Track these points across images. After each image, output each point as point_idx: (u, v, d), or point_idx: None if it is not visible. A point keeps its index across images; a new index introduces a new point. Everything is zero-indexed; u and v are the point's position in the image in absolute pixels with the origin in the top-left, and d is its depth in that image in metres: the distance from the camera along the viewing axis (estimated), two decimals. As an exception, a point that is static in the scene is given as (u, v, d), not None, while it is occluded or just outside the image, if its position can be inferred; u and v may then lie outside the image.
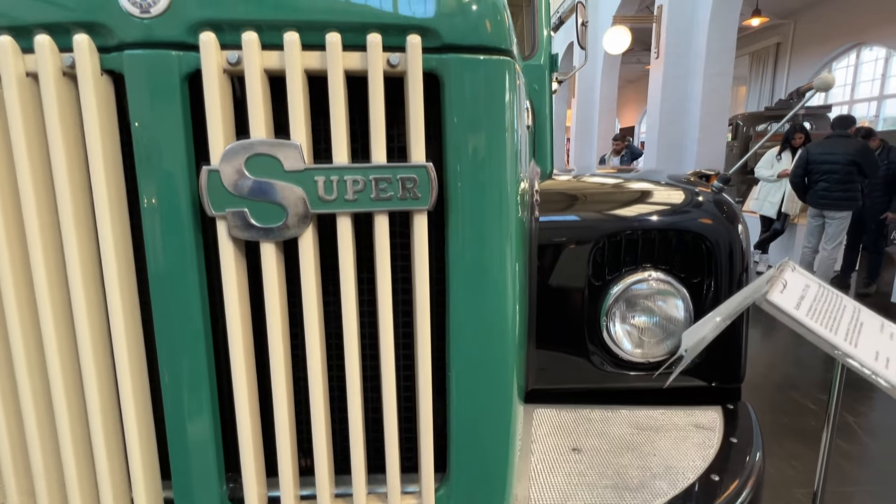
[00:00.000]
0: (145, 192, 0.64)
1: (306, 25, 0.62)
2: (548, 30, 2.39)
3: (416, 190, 0.65)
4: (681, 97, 7.87)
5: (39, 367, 0.70)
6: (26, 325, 0.68)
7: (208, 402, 0.70)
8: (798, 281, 0.71)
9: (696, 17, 7.67)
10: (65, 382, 0.69)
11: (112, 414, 0.72)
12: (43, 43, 0.61)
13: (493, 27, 0.67)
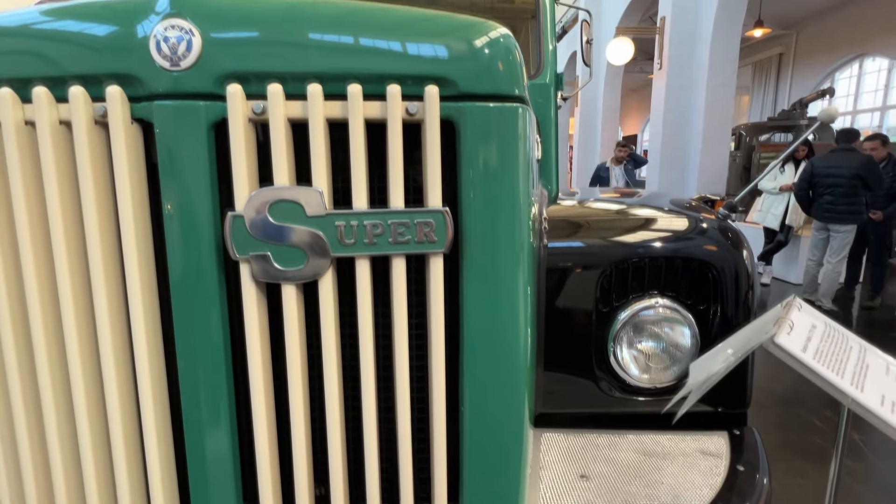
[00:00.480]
0: (171, 236, 0.67)
1: (328, 76, 0.65)
2: (553, 48, 2.42)
3: (433, 233, 0.67)
4: (684, 108, 7.91)
5: (67, 411, 0.72)
6: (54, 363, 0.71)
7: (228, 434, 0.72)
8: (805, 321, 0.72)
9: (699, 29, 7.72)
10: (90, 420, 0.71)
11: (135, 450, 0.74)
12: (77, 94, 0.63)
13: (507, 75, 0.69)
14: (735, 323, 1.22)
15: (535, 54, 2.40)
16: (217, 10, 0.64)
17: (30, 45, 0.66)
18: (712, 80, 7.46)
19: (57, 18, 0.67)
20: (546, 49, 2.36)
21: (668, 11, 7.88)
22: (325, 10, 0.68)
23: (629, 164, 7.04)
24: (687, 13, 7.74)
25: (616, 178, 6.90)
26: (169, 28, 0.62)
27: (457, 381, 0.77)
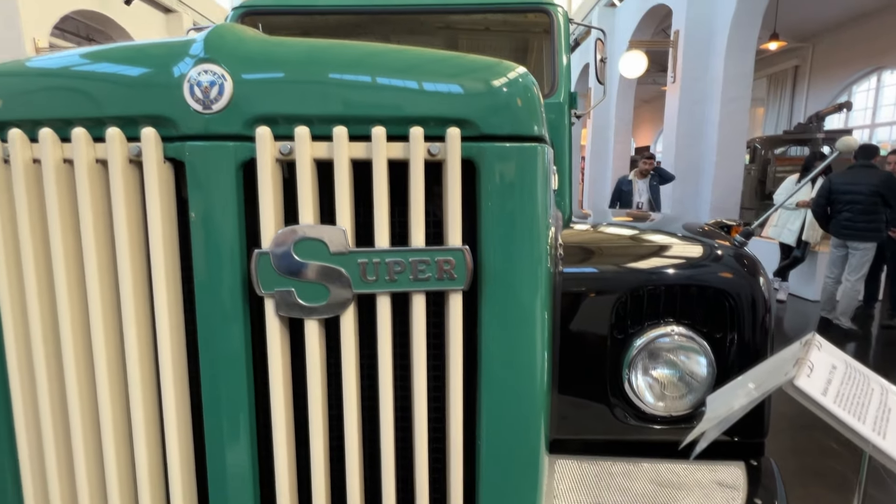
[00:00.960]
0: (199, 271, 0.69)
1: (353, 119, 0.67)
2: (567, 66, 2.43)
3: (453, 271, 0.68)
4: (697, 121, 7.87)
5: (94, 436, 0.74)
6: (83, 387, 0.73)
7: (248, 460, 0.73)
8: (824, 361, 0.72)
9: (713, 42, 7.70)
10: (116, 444, 0.73)
11: (159, 479, 0.75)
12: (113, 135, 0.66)
13: (526, 116, 0.71)
14: (752, 352, 1.21)
15: (549, 73, 2.42)
16: (248, 55, 0.67)
17: (70, 87, 0.69)
18: (727, 93, 7.42)
19: (95, 61, 0.70)
20: (560, 68, 2.38)
21: (681, 25, 7.88)
22: (351, 54, 0.70)
23: (654, 179, 6.32)
24: (701, 27, 7.72)
25: (639, 193, 6.21)
26: (202, 72, 0.65)
27: (473, 411, 0.78)
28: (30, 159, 0.69)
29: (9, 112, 0.71)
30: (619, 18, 11.16)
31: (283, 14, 2.40)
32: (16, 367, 0.73)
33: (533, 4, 2.47)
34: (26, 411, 0.75)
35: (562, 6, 2.51)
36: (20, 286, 0.73)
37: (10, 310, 0.73)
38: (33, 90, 0.70)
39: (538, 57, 2.64)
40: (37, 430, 0.76)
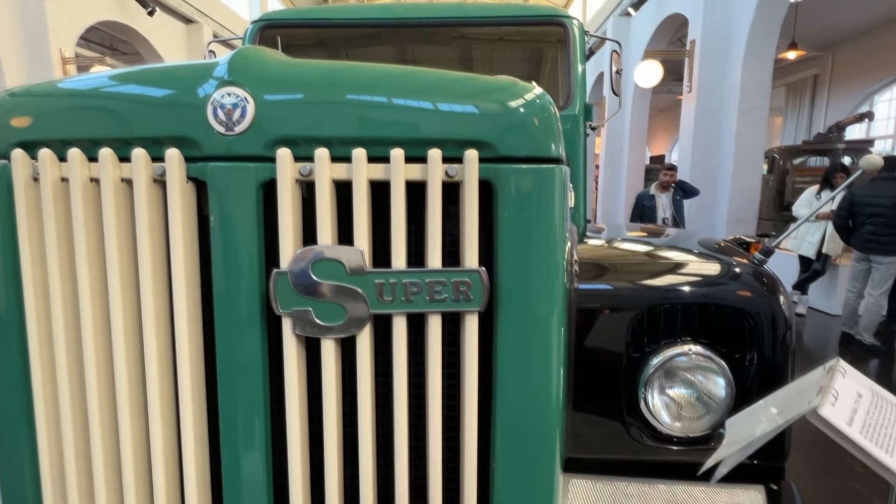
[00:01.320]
0: (219, 288, 0.70)
1: (372, 141, 0.68)
2: (583, 79, 2.43)
3: (469, 292, 0.68)
4: (714, 131, 7.79)
5: (113, 446, 0.76)
6: (104, 398, 0.74)
7: (263, 472, 0.74)
8: (849, 389, 0.70)
9: (730, 52, 7.64)
10: (134, 457, 0.74)
11: (175, 486, 0.76)
12: (139, 156, 0.68)
13: (544, 138, 0.71)
14: (773, 374, 1.18)
15: (565, 85, 2.42)
16: (270, 78, 0.68)
17: (98, 108, 0.71)
18: (744, 103, 7.33)
19: (123, 83, 0.72)
20: (575, 80, 2.38)
21: (697, 34, 7.83)
22: (370, 76, 0.71)
23: (677, 194, 5.80)
24: (718, 36, 7.67)
25: (663, 208, 5.70)
26: (226, 95, 0.66)
27: (487, 430, 0.77)
28: (58, 178, 0.71)
29: (39, 131, 0.73)
30: (634, 28, 11.13)
31: (301, 27, 2.44)
32: (39, 374, 0.75)
33: (548, 17, 2.47)
34: (48, 418, 0.76)
35: (577, 18, 2.51)
36: (46, 299, 0.75)
37: (36, 321, 0.74)
38: (63, 110, 0.73)
39: (553, 67, 2.64)
40: (57, 435, 0.77)
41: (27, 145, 0.72)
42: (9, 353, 0.76)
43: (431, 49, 2.69)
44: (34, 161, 0.71)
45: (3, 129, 0.74)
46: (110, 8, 9.20)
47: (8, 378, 0.77)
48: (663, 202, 5.73)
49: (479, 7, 2.48)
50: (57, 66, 7.80)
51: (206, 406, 0.75)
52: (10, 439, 0.79)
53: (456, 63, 2.85)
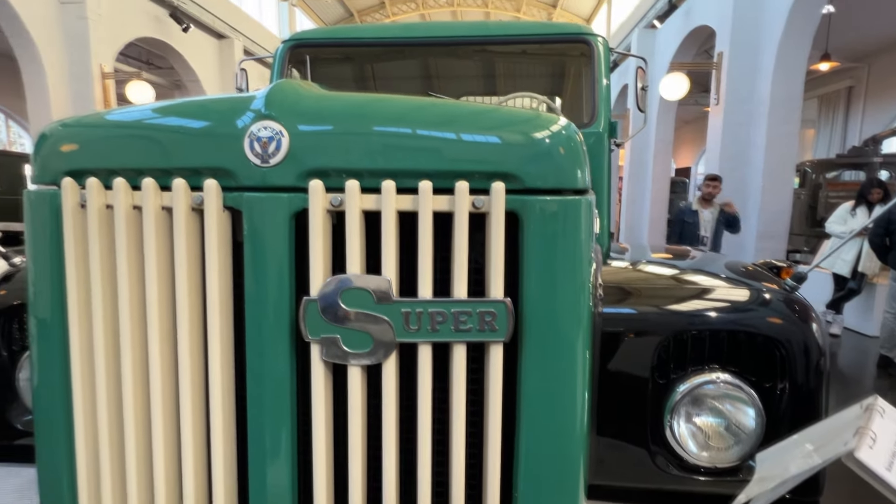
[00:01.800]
0: (251, 313, 0.72)
1: (401, 173, 0.69)
2: (607, 96, 2.42)
3: (494, 323, 0.69)
4: (742, 145, 7.62)
5: (146, 461, 0.78)
6: (139, 410, 0.77)
7: (289, 489, 0.75)
8: (889, 430, 0.67)
9: (759, 64, 7.49)
10: (166, 471, 0.77)
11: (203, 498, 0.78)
12: (179, 186, 0.71)
13: (570, 171, 0.71)
14: (806, 405, 1.15)
15: (589, 102, 2.41)
16: (305, 112, 0.71)
17: (141, 140, 0.75)
18: (774, 116, 7.17)
19: (165, 115, 0.76)
20: (600, 97, 2.37)
21: (725, 46, 7.72)
22: (400, 109, 0.73)
23: (721, 217, 5.02)
24: (746, 48, 7.54)
25: (704, 226, 4.99)
26: (262, 129, 0.69)
27: (510, 458, 0.77)
28: (103, 205, 0.75)
29: (87, 161, 0.77)
30: (659, 40, 11.04)
31: (329, 46, 2.51)
32: (79, 385, 0.78)
33: (573, 35, 2.48)
34: (86, 427, 0.80)
35: (602, 35, 2.51)
36: (88, 318, 0.78)
37: (78, 339, 0.78)
38: (109, 141, 0.77)
39: (577, 83, 2.64)
40: (94, 442, 0.80)
41: (76, 173, 0.76)
42: (53, 367, 0.80)
43: (456, 64, 2.72)
44: (82, 189, 0.75)
45: (54, 158, 0.78)
46: (148, 25, 9.61)
47: (51, 387, 0.81)
48: (706, 218, 4.97)
49: (504, 25, 2.50)
50: (97, 80, 8.17)
51: (236, 424, 0.77)
52: (51, 451, 0.83)
53: (480, 79, 2.87)
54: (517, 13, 19.27)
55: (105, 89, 8.33)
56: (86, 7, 7.93)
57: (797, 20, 6.87)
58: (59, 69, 7.85)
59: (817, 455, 0.78)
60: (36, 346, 0.82)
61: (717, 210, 4.96)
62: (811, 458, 0.76)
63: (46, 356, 0.81)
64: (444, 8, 19.52)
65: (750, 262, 1.54)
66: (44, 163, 0.81)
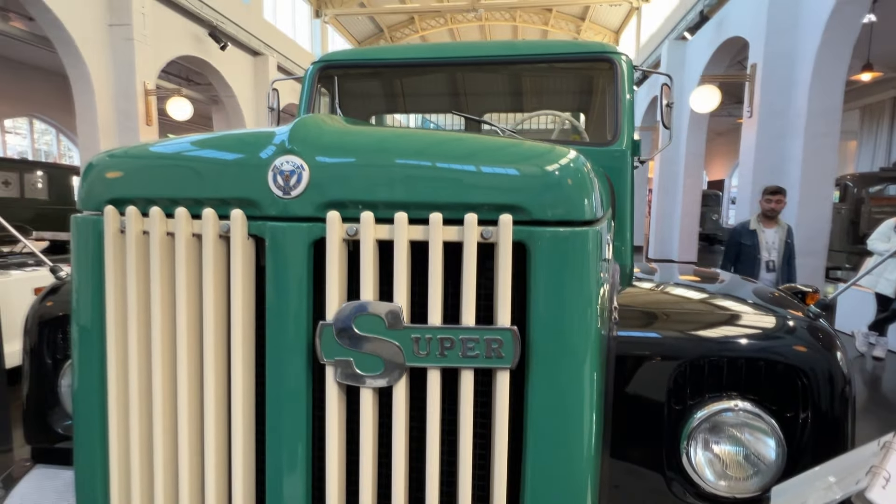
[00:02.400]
0: (271, 334, 0.76)
1: (413, 205, 0.73)
2: (630, 115, 2.42)
3: (501, 350, 0.71)
4: (777, 158, 7.40)
5: (172, 468, 0.83)
6: (167, 421, 0.83)
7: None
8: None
9: (795, 75, 7.29)
10: (190, 479, 0.82)
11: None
12: (208, 216, 0.77)
13: (578, 203, 0.73)
14: (828, 437, 1.12)
15: (612, 120, 2.42)
16: (325, 147, 0.75)
17: (176, 171, 0.81)
18: (811, 129, 6.94)
19: (199, 148, 0.82)
20: (623, 115, 2.37)
21: (759, 58, 7.55)
22: (415, 145, 0.77)
23: (789, 239, 4.15)
24: (782, 59, 7.35)
25: (767, 248, 4.12)
26: (285, 163, 0.74)
27: (517, 482, 0.78)
28: (140, 231, 0.81)
29: (126, 190, 0.84)
30: (690, 51, 10.88)
31: (356, 67, 2.59)
32: (114, 395, 0.84)
33: (597, 53, 2.49)
34: (119, 436, 0.85)
35: (625, 54, 2.52)
36: (124, 330, 0.84)
37: (115, 350, 0.84)
38: (147, 172, 0.83)
39: (601, 99, 2.64)
40: (126, 450, 0.86)
41: (116, 201, 0.83)
42: (91, 375, 0.87)
43: (483, 80, 2.76)
44: (121, 216, 0.82)
45: (98, 187, 0.86)
46: (189, 44, 10.09)
47: (90, 394, 0.87)
48: (768, 239, 4.10)
49: (530, 45, 2.53)
50: (140, 97, 8.61)
51: (255, 437, 0.82)
52: (88, 455, 0.89)
53: (506, 95, 2.91)
54: (545, 26, 19.33)
55: (148, 105, 8.76)
56: (132, 29, 8.40)
57: (835, 30, 6.67)
58: (106, 87, 8.32)
59: (838, 488, 0.76)
60: (77, 355, 0.89)
61: (784, 229, 4.12)
62: (831, 491, 0.74)
63: (86, 365, 0.87)
64: (473, 22, 19.75)
65: (770, 288, 1.51)
66: (89, 190, 0.88)
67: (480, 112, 2.95)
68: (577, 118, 3.01)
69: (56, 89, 13.48)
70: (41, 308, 1.51)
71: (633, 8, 15.74)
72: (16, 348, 3.58)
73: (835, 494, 0.80)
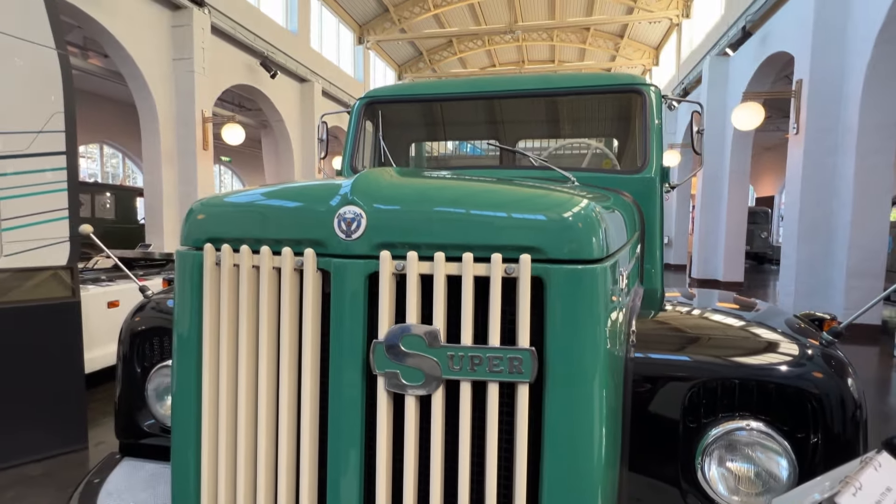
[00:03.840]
0: (334, 350, 0.94)
1: (450, 246, 0.90)
2: (659, 143, 2.52)
3: (521, 367, 0.86)
4: (826, 176, 7.16)
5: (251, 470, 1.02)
6: (248, 428, 1.01)
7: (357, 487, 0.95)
8: (878, 482, 0.74)
9: (845, 90, 7.07)
10: (266, 468, 1.00)
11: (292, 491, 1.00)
12: (286, 253, 0.96)
13: (586, 244, 0.88)
14: (839, 457, 1.18)
15: (641, 148, 2.53)
16: (381, 198, 0.94)
17: (260, 215, 1.02)
18: (863, 145, 6.70)
19: (278, 198, 1.02)
20: (652, 144, 2.48)
21: (805, 74, 7.38)
22: (453, 194, 0.94)
23: None
24: (830, 74, 7.15)
25: None
26: (347, 211, 0.93)
27: (537, 477, 0.92)
28: (232, 265, 1.01)
29: (221, 231, 1.05)
30: (732, 67, 10.70)
31: (398, 102, 2.82)
32: (207, 400, 1.04)
33: (627, 85, 2.62)
34: (210, 437, 1.05)
35: (654, 85, 2.63)
36: (217, 346, 1.04)
37: (209, 360, 1.04)
38: (238, 216, 1.04)
39: (632, 125, 2.75)
40: (215, 449, 1.05)
41: (213, 240, 1.04)
42: (189, 383, 1.07)
43: (519, 109, 2.92)
44: (217, 252, 1.03)
45: (197, 228, 1.07)
46: (242, 74, 10.84)
47: (187, 399, 1.07)
48: None
49: (564, 78, 2.68)
50: (199, 124, 9.30)
51: (319, 436, 0.99)
52: (183, 451, 1.09)
53: (542, 123, 3.06)
54: (583, 44, 19.41)
55: (205, 131, 9.44)
56: (194, 62, 9.12)
57: (886, 44, 6.46)
58: (169, 115, 9.06)
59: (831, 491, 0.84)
60: (176, 364, 1.10)
61: None
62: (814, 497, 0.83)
63: (184, 374, 1.08)
64: (510, 43, 20.09)
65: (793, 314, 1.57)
66: (190, 230, 1.10)
67: (516, 138, 3.12)
68: (610, 143, 3.12)
69: (124, 117, 14.72)
70: (132, 322, 1.76)
71: (672, 24, 15.63)
72: (92, 355, 3.99)
73: (814, 498, 0.89)
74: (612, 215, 1.21)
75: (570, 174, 2.19)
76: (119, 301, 4.38)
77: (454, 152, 3.37)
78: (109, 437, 3.32)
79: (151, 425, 1.69)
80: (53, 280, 3.29)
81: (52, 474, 2.80)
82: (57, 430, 3.03)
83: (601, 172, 2.50)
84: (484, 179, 1.05)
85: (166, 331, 1.67)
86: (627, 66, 19.82)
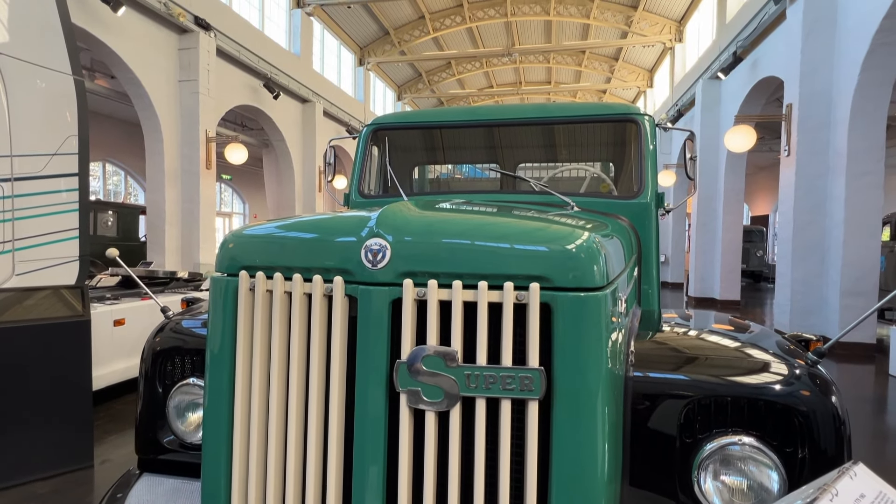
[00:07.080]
0: (360, 370, 1.03)
1: (466, 275, 1.00)
2: (654, 170, 2.64)
3: (531, 385, 0.95)
4: (818, 197, 7.33)
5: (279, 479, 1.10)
6: (278, 441, 1.09)
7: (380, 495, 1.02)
8: (852, 490, 0.83)
9: (833, 114, 7.29)
10: (295, 477, 1.08)
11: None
12: (317, 280, 1.06)
13: (589, 274, 0.98)
14: (825, 470, 1.26)
15: (637, 174, 2.65)
16: (404, 230, 1.04)
17: (291, 245, 1.12)
18: (853, 168, 6.88)
19: (308, 230, 1.12)
20: (647, 171, 2.61)
21: (794, 98, 7.61)
22: (469, 227, 1.04)
23: None
24: (818, 98, 7.38)
25: None
26: (374, 243, 1.03)
27: (547, 482, 1.00)
28: (265, 290, 1.11)
29: (254, 259, 1.15)
30: (724, 90, 10.99)
31: (404, 129, 2.96)
32: (239, 413, 1.12)
33: (622, 115, 2.76)
34: (241, 452, 1.13)
35: (649, 115, 2.77)
36: (250, 365, 1.13)
37: (241, 378, 1.13)
38: (270, 245, 1.14)
39: (628, 151, 2.88)
40: (246, 462, 1.13)
41: (247, 267, 1.14)
42: (221, 400, 1.15)
43: (517, 135, 3.06)
44: (251, 278, 1.12)
45: (234, 257, 1.17)
46: (245, 95, 11.06)
47: (219, 415, 1.15)
48: None
49: (561, 108, 2.82)
50: (202, 144, 9.46)
51: (344, 450, 1.07)
52: (214, 464, 1.17)
53: (540, 148, 3.19)
54: (579, 66, 19.85)
55: (208, 151, 9.59)
56: (199, 84, 9.32)
57: (873, 70, 6.70)
58: (173, 135, 9.22)
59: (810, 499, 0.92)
60: (209, 383, 1.18)
61: None
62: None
63: (217, 392, 1.16)
64: (507, 65, 20.52)
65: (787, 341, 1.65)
66: (223, 258, 1.19)
67: (515, 162, 3.24)
68: (607, 167, 3.25)
69: (126, 136, 14.91)
70: (154, 342, 1.84)
71: (666, 48, 16.05)
72: (97, 374, 4.03)
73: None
74: (611, 242, 1.31)
75: (569, 199, 2.31)
76: (125, 319, 4.44)
77: (455, 175, 3.49)
78: (114, 454, 3.35)
79: (171, 441, 1.76)
80: (63, 299, 3.36)
81: (62, 492, 2.83)
82: (64, 448, 3.07)
83: (599, 197, 2.61)
84: (494, 210, 1.15)
85: (186, 350, 1.74)
86: (622, 88, 20.25)
